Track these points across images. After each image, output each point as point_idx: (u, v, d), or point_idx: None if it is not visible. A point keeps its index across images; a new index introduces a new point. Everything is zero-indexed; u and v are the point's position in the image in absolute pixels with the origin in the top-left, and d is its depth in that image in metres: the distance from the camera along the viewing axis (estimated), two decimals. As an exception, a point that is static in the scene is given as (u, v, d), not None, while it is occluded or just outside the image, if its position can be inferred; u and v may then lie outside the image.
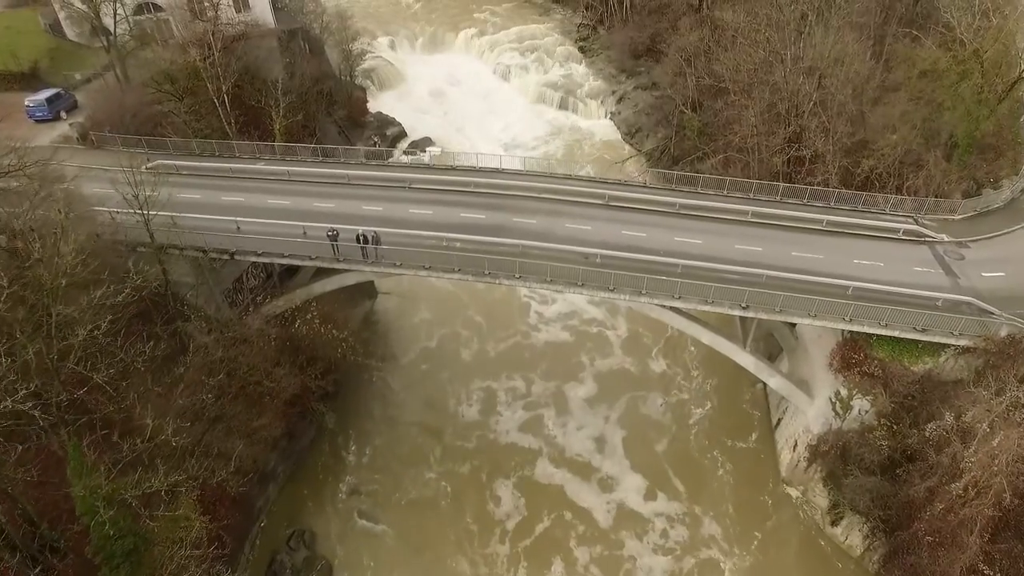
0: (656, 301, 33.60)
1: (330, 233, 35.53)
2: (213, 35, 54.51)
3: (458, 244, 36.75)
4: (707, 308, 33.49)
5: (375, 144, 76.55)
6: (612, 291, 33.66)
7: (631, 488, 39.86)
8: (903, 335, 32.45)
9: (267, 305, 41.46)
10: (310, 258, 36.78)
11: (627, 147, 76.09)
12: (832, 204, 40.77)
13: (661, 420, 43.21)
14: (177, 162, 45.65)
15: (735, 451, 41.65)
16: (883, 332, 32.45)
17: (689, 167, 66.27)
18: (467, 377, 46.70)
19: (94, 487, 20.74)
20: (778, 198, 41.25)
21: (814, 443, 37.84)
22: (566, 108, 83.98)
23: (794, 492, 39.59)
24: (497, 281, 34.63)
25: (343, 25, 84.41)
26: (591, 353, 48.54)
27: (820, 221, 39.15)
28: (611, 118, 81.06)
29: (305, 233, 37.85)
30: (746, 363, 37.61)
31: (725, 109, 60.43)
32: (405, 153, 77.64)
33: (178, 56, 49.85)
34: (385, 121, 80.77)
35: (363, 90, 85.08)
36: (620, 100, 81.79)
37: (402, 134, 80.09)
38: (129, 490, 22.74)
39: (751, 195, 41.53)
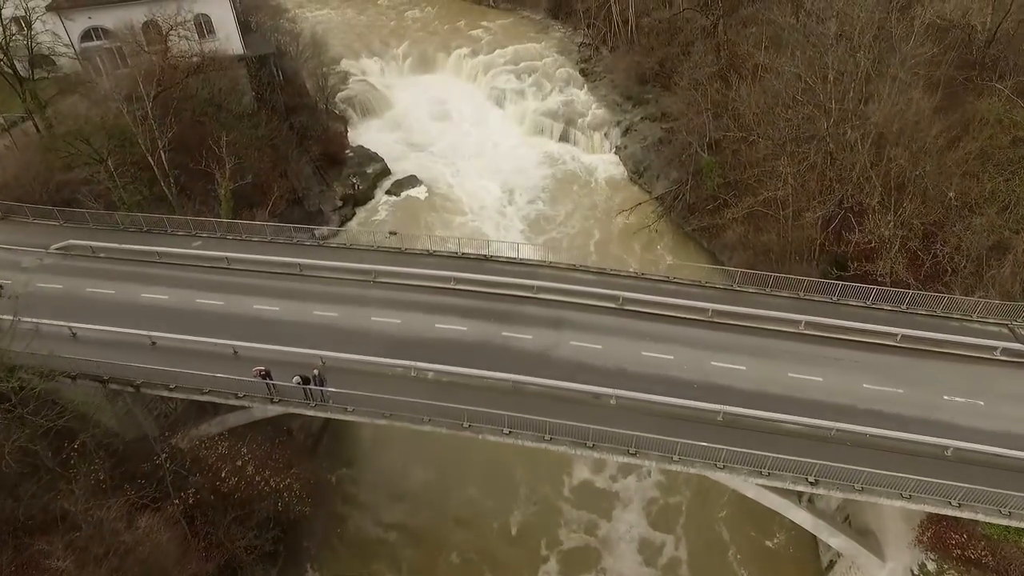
0: (693, 470, 25.20)
1: (260, 371, 27.01)
2: (161, 72, 46.29)
3: (430, 375, 28.41)
4: (762, 482, 25.07)
5: (355, 186, 68.37)
6: (633, 455, 25.21)
7: None
8: (1031, 526, 24.15)
9: (196, 429, 33.31)
10: (236, 396, 28.32)
11: (635, 187, 67.76)
12: (905, 308, 32.32)
13: None
14: (93, 243, 37.15)
15: None
16: (1007, 523, 24.07)
17: (708, 217, 58.17)
18: None
19: None
20: (835, 299, 32.81)
21: (885, 616, 29.90)
22: (567, 140, 75.75)
23: (856, 669, 31.41)
24: (480, 436, 26.18)
25: (319, 50, 76.23)
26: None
27: (894, 335, 30.64)
28: (616, 152, 72.87)
29: (236, 353, 29.90)
30: (802, 521, 29.21)
31: (748, 151, 52.39)
32: (387, 193, 69.44)
33: (98, 109, 41.13)
34: (366, 156, 72.42)
35: (343, 120, 76.97)
36: (626, 132, 73.51)
37: (385, 171, 71.74)
38: None
39: (801, 293, 33.10)
